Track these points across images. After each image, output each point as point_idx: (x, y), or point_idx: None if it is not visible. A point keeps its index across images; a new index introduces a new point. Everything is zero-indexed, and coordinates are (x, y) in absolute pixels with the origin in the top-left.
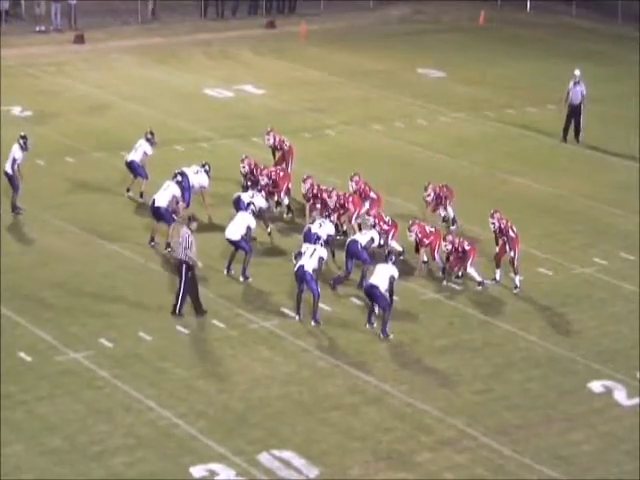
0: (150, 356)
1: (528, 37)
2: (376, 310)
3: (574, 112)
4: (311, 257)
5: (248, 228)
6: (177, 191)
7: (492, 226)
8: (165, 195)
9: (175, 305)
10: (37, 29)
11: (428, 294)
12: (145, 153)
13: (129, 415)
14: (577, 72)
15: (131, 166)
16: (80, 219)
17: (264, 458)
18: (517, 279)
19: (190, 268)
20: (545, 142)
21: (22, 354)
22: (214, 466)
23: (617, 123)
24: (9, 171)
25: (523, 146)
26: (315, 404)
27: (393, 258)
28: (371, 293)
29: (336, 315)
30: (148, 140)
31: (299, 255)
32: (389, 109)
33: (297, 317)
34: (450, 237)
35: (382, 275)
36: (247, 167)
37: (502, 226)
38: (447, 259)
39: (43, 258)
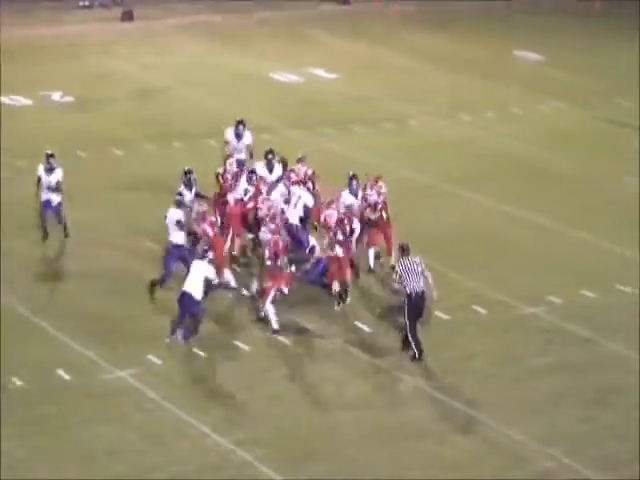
0: (204, 374)
1: None
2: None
3: None
4: None
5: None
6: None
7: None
8: None
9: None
10: (80, 4)
11: (523, 308)
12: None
13: (183, 441)
14: None
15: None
16: (126, 219)
17: None
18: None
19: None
20: None
21: (61, 371)
22: None
23: None
24: None
25: (629, 142)
26: (394, 431)
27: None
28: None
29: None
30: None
31: None
32: (479, 96)
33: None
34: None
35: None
36: None
37: (377, 199)
38: None
39: (83, 265)
